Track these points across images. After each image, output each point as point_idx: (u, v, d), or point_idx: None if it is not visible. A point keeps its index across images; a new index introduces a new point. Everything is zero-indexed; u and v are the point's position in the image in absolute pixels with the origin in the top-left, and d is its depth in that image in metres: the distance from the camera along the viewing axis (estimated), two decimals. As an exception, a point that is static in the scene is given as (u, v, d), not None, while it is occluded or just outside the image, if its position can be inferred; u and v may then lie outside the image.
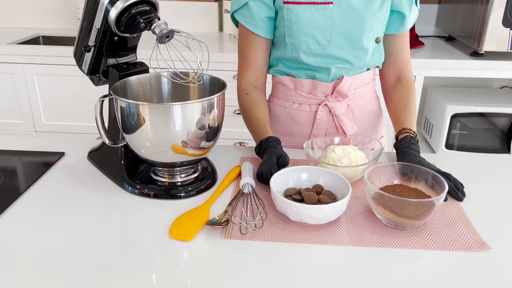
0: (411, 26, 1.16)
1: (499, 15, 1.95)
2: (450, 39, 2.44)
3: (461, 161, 1.10)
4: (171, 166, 0.92)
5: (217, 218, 0.83)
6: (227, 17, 2.50)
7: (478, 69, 2.07)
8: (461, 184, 0.93)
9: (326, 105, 1.16)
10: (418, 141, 1.05)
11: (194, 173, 0.97)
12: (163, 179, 0.95)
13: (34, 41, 2.44)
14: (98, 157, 1.04)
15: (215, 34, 2.53)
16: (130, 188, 0.93)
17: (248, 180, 0.92)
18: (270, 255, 0.74)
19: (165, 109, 0.83)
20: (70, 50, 2.11)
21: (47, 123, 2.32)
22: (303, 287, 0.68)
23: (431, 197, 0.84)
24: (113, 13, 0.84)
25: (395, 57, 1.19)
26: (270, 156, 0.96)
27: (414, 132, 1.06)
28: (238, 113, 2.18)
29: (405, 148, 1.02)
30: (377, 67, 1.22)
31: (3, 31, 2.52)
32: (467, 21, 2.14)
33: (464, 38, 2.19)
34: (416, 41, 2.29)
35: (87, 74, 0.99)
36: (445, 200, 0.90)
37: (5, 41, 2.23)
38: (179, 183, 0.94)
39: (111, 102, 0.95)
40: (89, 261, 0.72)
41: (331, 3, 1.06)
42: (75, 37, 0.98)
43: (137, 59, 1.01)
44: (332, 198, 0.86)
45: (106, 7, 0.85)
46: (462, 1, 2.21)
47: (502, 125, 2.11)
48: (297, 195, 0.86)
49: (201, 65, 0.88)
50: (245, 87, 1.17)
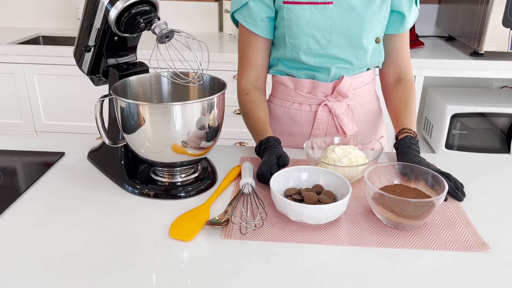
0: (411, 26, 1.16)
1: (499, 15, 1.95)
2: (450, 39, 2.44)
3: (461, 161, 1.10)
4: (171, 166, 0.92)
5: (217, 218, 0.83)
6: (227, 17, 2.50)
7: (478, 69, 2.07)
8: (461, 184, 0.93)
9: (326, 105, 1.16)
10: (418, 141, 1.05)
11: (194, 173, 0.97)
12: (163, 179, 0.95)
13: (34, 41, 2.44)
14: (98, 157, 1.04)
15: (215, 34, 2.53)
16: (130, 188, 0.93)
17: (248, 180, 0.92)
18: (270, 255, 0.74)
19: (165, 109, 0.83)
20: (70, 50, 2.11)
21: (47, 123, 2.32)
22: (303, 287, 0.68)
23: (431, 197, 0.84)
24: (113, 13, 0.84)
25: (395, 57, 1.19)
26: (270, 156, 0.96)
27: (414, 132, 1.06)
28: (238, 113, 2.18)
29: (405, 148, 1.02)
30: (377, 67, 1.22)
31: (3, 31, 2.52)
32: (467, 21, 2.13)
33: (464, 38, 2.19)
34: (416, 41, 2.29)
35: (87, 74, 0.99)
36: (445, 200, 0.90)
37: (5, 41, 2.23)
38: (179, 183, 0.94)
39: (111, 102, 0.95)
40: (89, 261, 0.72)
41: (331, 3, 1.06)
42: (75, 37, 0.98)
43: (137, 59, 1.01)
44: (332, 198, 0.86)
45: (106, 7, 0.85)
46: (462, 1, 2.21)
47: (502, 125, 2.11)
48: (297, 195, 0.86)
49: (201, 65, 0.88)
50: (245, 87, 1.17)
